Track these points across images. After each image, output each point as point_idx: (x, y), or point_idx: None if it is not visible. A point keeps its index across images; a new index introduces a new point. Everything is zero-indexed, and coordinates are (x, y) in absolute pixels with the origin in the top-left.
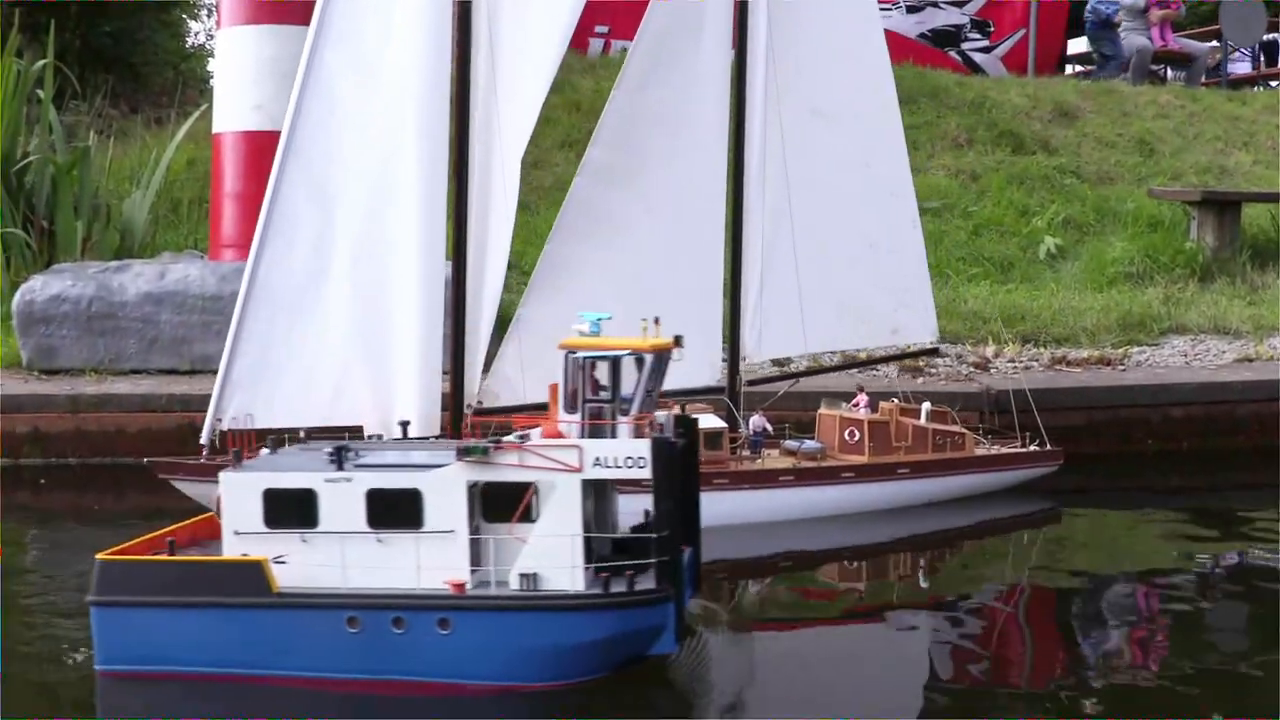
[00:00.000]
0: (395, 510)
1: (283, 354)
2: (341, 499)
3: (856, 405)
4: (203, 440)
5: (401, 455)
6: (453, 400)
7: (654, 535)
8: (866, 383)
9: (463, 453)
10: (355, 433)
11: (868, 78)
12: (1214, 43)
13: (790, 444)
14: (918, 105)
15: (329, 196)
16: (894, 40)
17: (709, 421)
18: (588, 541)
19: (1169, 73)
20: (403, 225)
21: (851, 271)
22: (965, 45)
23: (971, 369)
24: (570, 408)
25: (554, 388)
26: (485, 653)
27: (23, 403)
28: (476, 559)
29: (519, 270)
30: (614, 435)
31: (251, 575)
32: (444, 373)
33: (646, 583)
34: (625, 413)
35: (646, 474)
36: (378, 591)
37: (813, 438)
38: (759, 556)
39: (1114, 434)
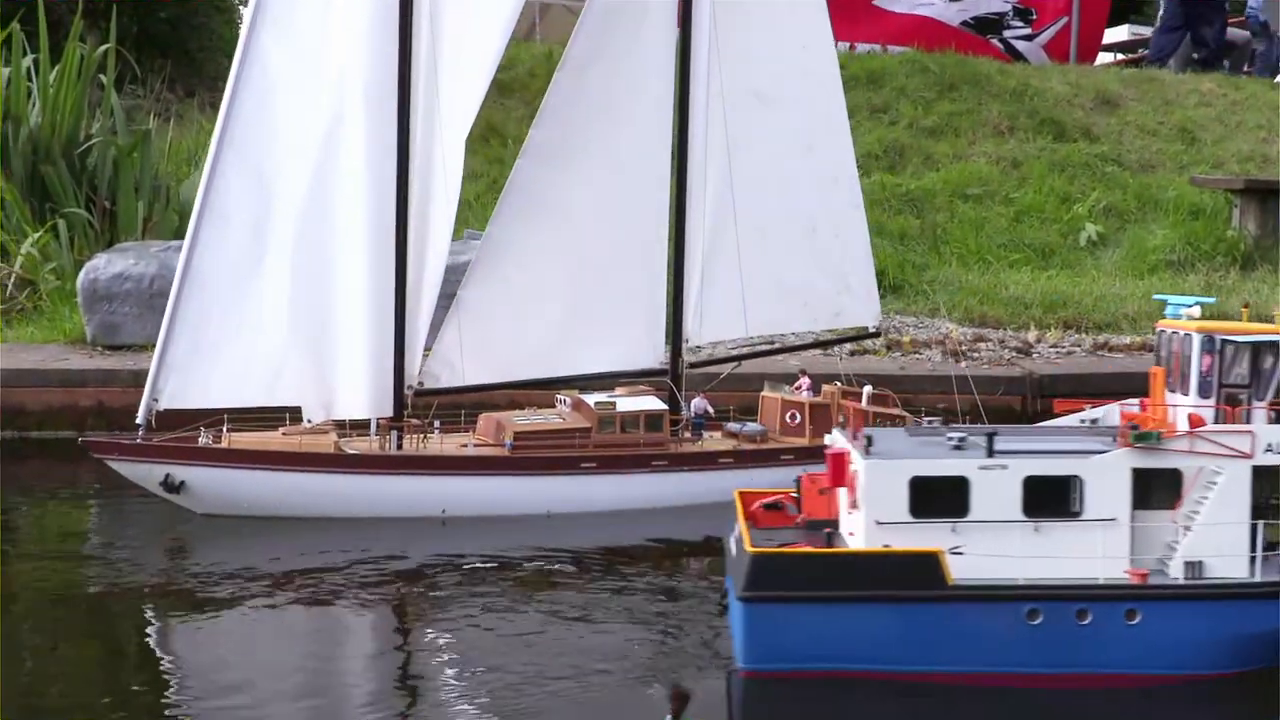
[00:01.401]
0: (1053, 497)
1: (219, 336)
2: (996, 487)
3: (799, 388)
4: (138, 420)
5: (1047, 440)
6: (394, 380)
7: None
8: (910, 364)
9: (1137, 439)
10: (295, 413)
11: (811, 63)
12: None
13: (732, 426)
14: (959, 93)
15: (267, 180)
16: (936, 27)
17: (649, 404)
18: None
19: None
20: (347, 207)
21: (793, 255)
22: (1007, 33)
23: (1014, 354)
24: (1204, 392)
25: (1157, 370)
26: (1172, 642)
27: (87, 377)
28: (1134, 546)
29: None
30: (1249, 421)
31: (925, 567)
32: None
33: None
34: (1260, 398)
35: None
36: (1059, 582)
37: (756, 420)
38: (697, 537)
39: None
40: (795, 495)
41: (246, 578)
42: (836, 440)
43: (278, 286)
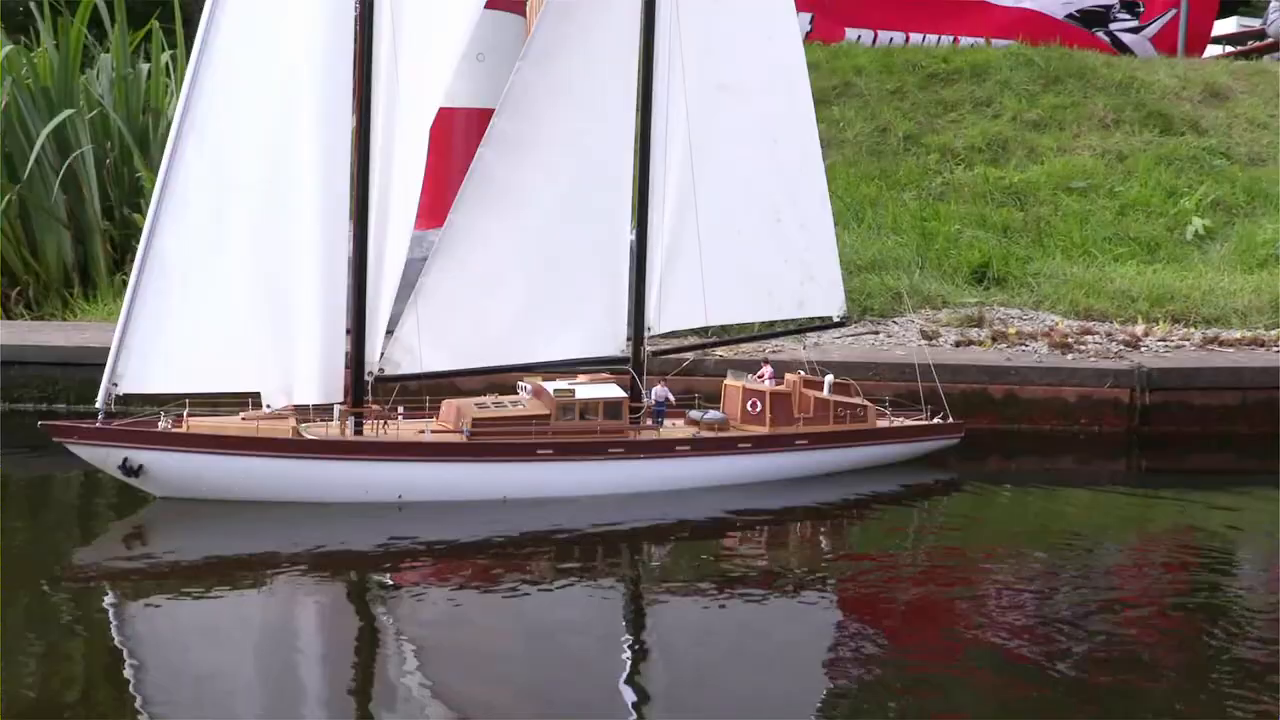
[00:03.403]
0: None
1: (179, 319)
2: None
3: (761, 377)
4: (98, 404)
5: None
6: (353, 366)
7: None
8: (1015, 357)
9: None
10: (258, 398)
11: (776, 53)
12: None
13: (694, 414)
14: (1064, 86)
15: (227, 164)
16: (1041, 20)
17: (609, 391)
18: None
19: None
20: (303, 191)
21: (757, 245)
22: (1113, 25)
23: (1122, 347)
24: None
25: None
26: None
27: None
28: None
29: None
30: None
31: None
32: (349, 331)
33: None
34: None
35: None
36: None
37: (719, 408)
38: (655, 525)
39: (1267, 414)
40: None
41: (203, 562)
42: None
43: (237, 271)
